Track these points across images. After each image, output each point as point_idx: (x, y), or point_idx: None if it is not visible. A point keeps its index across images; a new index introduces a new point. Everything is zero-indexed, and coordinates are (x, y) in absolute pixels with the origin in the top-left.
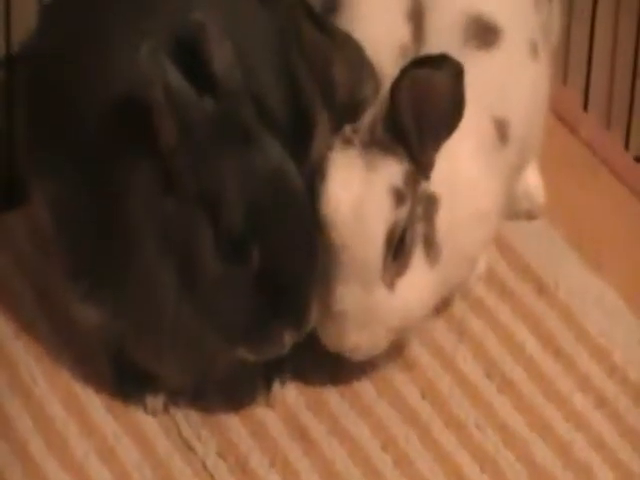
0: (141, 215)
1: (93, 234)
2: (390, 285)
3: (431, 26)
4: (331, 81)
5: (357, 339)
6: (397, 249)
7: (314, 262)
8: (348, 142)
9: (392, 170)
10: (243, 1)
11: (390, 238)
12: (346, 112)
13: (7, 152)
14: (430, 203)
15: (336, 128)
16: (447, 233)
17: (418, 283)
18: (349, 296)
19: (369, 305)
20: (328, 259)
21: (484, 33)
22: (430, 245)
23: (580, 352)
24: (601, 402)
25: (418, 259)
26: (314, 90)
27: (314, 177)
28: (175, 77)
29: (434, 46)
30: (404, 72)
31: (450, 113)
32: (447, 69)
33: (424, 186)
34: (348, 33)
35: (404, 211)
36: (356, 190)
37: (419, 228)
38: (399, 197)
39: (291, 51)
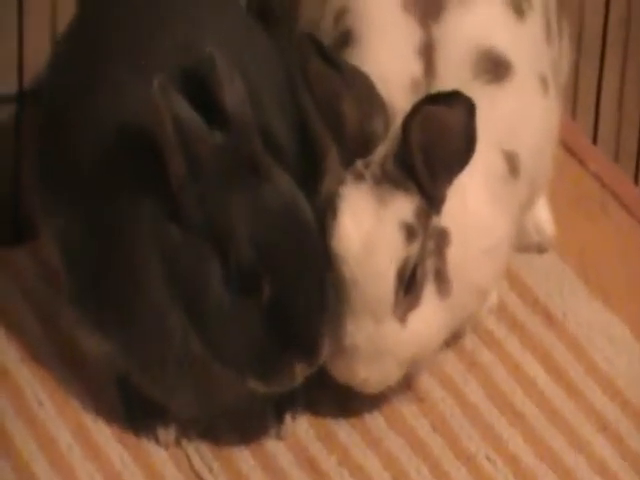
0: (149, 248)
1: (101, 267)
2: (402, 319)
3: (442, 60)
4: (341, 116)
5: (367, 373)
6: (408, 284)
7: (325, 295)
8: (359, 177)
9: (403, 205)
10: (253, 36)
11: (401, 273)
12: (357, 146)
13: (14, 188)
14: (441, 238)
15: (347, 162)
16: (458, 267)
17: (429, 317)
18: (360, 330)
19: (380, 339)
20: (339, 293)
21: (495, 67)
22: (441, 279)
23: (589, 384)
24: (603, 426)
25: (429, 293)
26: (323, 125)
27: (325, 212)
28: (185, 110)
29: (445, 80)
30: (416, 109)
31: (462, 149)
32: (459, 106)
33: (435, 221)
34: (357, 67)
35: (415, 246)
36: (367, 226)
37: (430, 263)
38: (410, 233)
39: (300, 86)
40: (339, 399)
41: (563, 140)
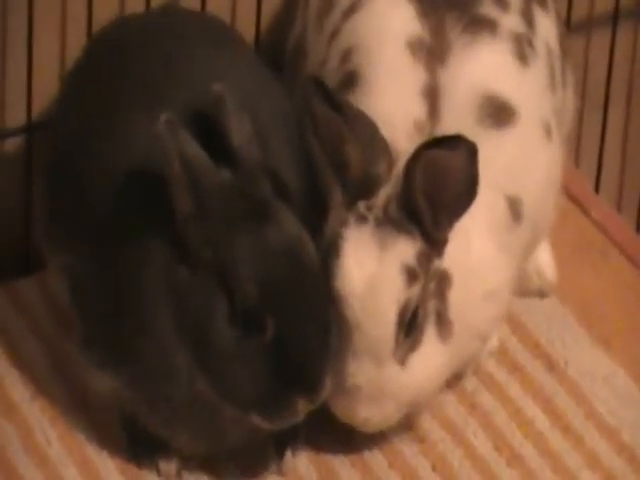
0: (155, 285)
1: (108, 304)
2: (402, 361)
3: (446, 104)
4: (344, 158)
5: (368, 413)
6: (409, 326)
7: (328, 333)
8: (362, 219)
9: (405, 249)
10: (264, 81)
11: (402, 315)
12: (359, 188)
13: (24, 218)
14: (442, 280)
15: (349, 204)
16: (459, 310)
17: (430, 359)
18: (361, 371)
19: (381, 381)
20: (341, 335)
21: (499, 113)
22: (442, 321)
23: (589, 430)
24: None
25: (430, 335)
26: (327, 167)
27: (328, 253)
28: (192, 148)
29: (449, 124)
30: (419, 152)
31: (464, 192)
32: (462, 149)
33: (437, 263)
34: (361, 111)
35: (416, 289)
36: (369, 268)
37: (431, 305)
38: (412, 275)
39: (306, 128)
40: (341, 437)
41: (566, 188)
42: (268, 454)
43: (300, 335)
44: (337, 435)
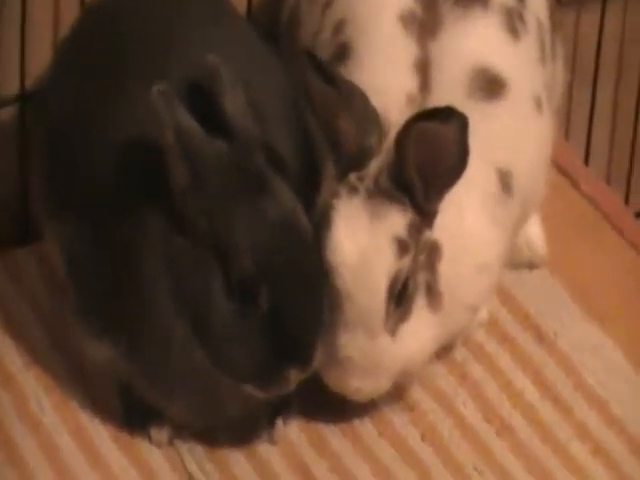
0: (152, 256)
1: (104, 275)
2: (393, 332)
3: (438, 76)
4: (337, 131)
5: (359, 383)
6: (400, 297)
7: (320, 305)
8: (353, 190)
9: (396, 220)
10: (258, 53)
11: (393, 286)
12: (351, 160)
13: (21, 186)
14: (433, 251)
15: (342, 176)
16: (449, 282)
17: (420, 330)
18: (353, 342)
19: (372, 351)
20: (333, 306)
21: (490, 85)
22: (432, 293)
23: (578, 400)
24: (597, 450)
25: (420, 306)
26: (321, 139)
27: (321, 224)
28: (186, 119)
29: (440, 96)
30: (410, 124)
31: (455, 164)
32: (453, 122)
33: (427, 235)
34: (354, 84)
35: (407, 260)
36: (360, 239)
37: (421, 276)
38: (402, 247)
39: (300, 101)
40: (332, 407)
41: (556, 161)
42: (260, 423)
43: (293, 306)
44: (328, 404)
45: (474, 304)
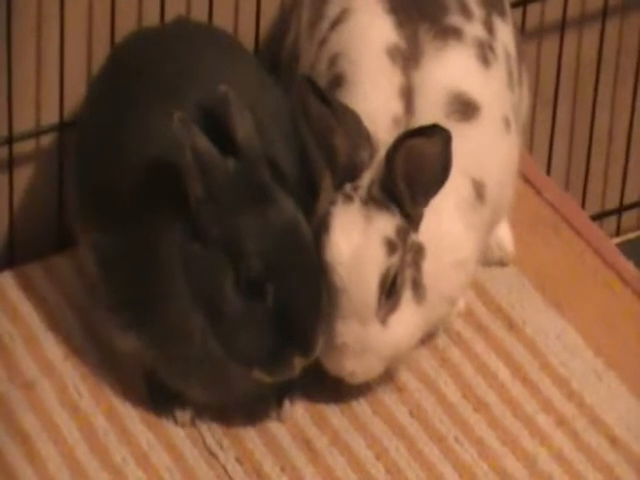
0: (172, 259)
1: (131, 275)
2: (383, 321)
3: (420, 101)
4: (333, 146)
5: (354, 367)
6: (389, 290)
7: (320, 299)
8: (348, 198)
9: (386, 224)
10: (263, 82)
11: (383, 281)
12: (346, 172)
13: (58, 205)
14: (418, 251)
15: (337, 186)
16: (431, 277)
17: (407, 319)
18: (348, 330)
19: (365, 338)
20: (330, 299)
21: (465, 108)
22: (417, 287)
23: (543, 379)
24: (561, 421)
25: (407, 299)
26: (318, 155)
27: (319, 228)
28: (202, 141)
29: (422, 118)
30: (399, 141)
31: (439, 173)
32: (437, 136)
33: (413, 237)
34: (347, 105)
35: (396, 259)
36: (354, 241)
37: (408, 273)
38: (391, 247)
39: (299, 122)
40: (331, 389)
41: (522, 172)
42: (269, 404)
43: (296, 302)
44: (328, 387)
45: (452, 296)
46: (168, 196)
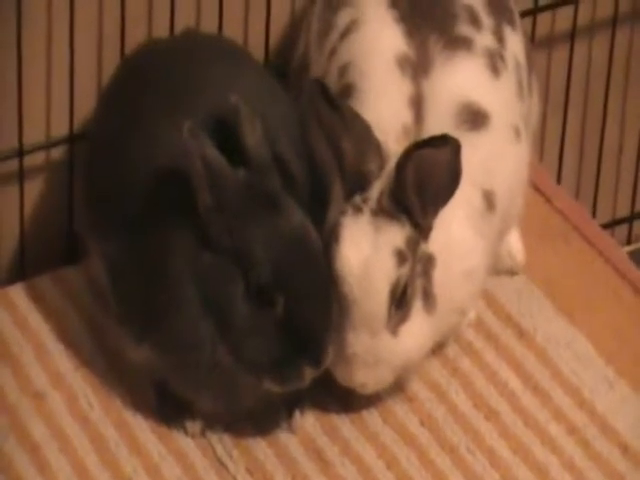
0: (183, 269)
1: (141, 284)
2: (394, 331)
3: (430, 111)
4: (340, 154)
5: (365, 378)
6: (400, 301)
7: (330, 308)
8: (358, 209)
9: (396, 234)
10: (272, 90)
11: (393, 292)
12: (354, 182)
13: (68, 216)
14: (428, 262)
15: (347, 196)
16: (442, 287)
17: (417, 330)
18: (358, 341)
19: (375, 349)
20: (341, 310)
21: (475, 118)
22: (428, 297)
23: (554, 388)
24: (572, 430)
25: (417, 309)
26: (328, 161)
27: (329, 239)
28: (211, 151)
29: (432, 128)
30: (409, 152)
31: (449, 183)
32: (447, 146)
33: (423, 247)
34: (357, 112)
35: (406, 269)
36: (365, 252)
37: (418, 283)
38: (401, 258)
39: (310, 126)
40: (342, 399)
41: (532, 181)
42: (279, 414)
43: (306, 311)
44: (338, 397)
45: (462, 306)
46: (177, 205)
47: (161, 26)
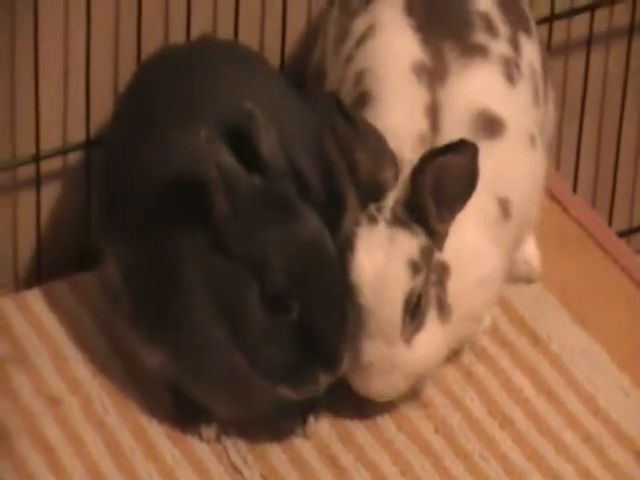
0: (196, 274)
1: (156, 290)
2: (408, 341)
3: (446, 119)
4: (355, 165)
5: (380, 386)
6: (414, 311)
7: (345, 315)
8: (372, 219)
9: (410, 245)
10: (287, 96)
11: (408, 302)
12: (369, 192)
13: (86, 221)
14: (442, 271)
15: (362, 206)
16: (457, 296)
17: (432, 339)
18: (374, 350)
19: (391, 357)
20: (357, 319)
21: (490, 125)
22: (442, 306)
23: (569, 395)
24: (587, 438)
25: (432, 318)
26: (344, 171)
27: (345, 248)
28: (227, 158)
29: (448, 136)
30: (425, 160)
31: (465, 187)
32: (465, 150)
33: (437, 256)
34: (371, 124)
35: (420, 279)
36: (380, 262)
37: (433, 292)
38: (416, 268)
39: (326, 138)
40: (356, 406)
41: (548, 189)
42: (294, 420)
43: (321, 317)
44: (353, 403)
45: (477, 314)
46: (191, 211)
47: (177, 32)
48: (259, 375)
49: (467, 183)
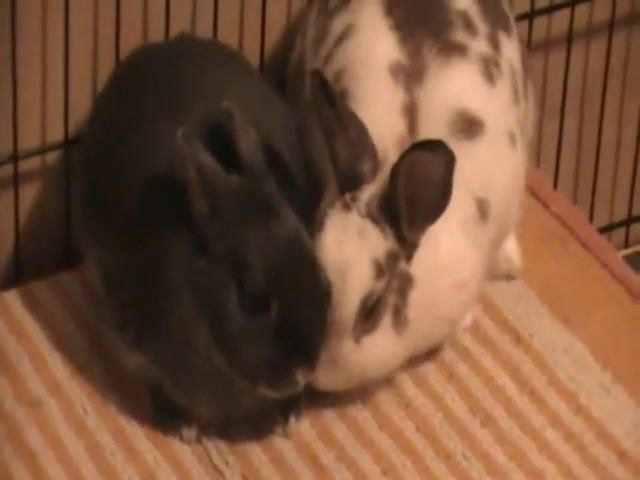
0: (177, 274)
1: (137, 291)
2: (357, 340)
3: (424, 119)
4: (334, 151)
5: (325, 379)
6: (369, 312)
7: (324, 314)
8: (346, 207)
9: (378, 244)
10: (265, 94)
11: (364, 302)
12: (346, 180)
13: (65, 222)
14: (406, 281)
15: (338, 192)
16: (423, 306)
17: (381, 344)
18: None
19: (336, 352)
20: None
21: (469, 126)
22: (399, 316)
23: (551, 393)
24: (568, 436)
25: (385, 325)
26: (325, 157)
27: (316, 226)
28: (205, 157)
29: (426, 136)
30: (404, 156)
31: (439, 198)
32: (442, 154)
33: (402, 266)
34: (353, 112)
35: (381, 283)
36: (346, 252)
37: (391, 299)
38: (379, 271)
39: (308, 127)
40: (337, 405)
41: (529, 186)
42: (275, 420)
43: (299, 316)
44: (334, 402)
45: (452, 317)
46: (172, 212)
47: (156, 31)
48: (238, 375)
49: (441, 194)
